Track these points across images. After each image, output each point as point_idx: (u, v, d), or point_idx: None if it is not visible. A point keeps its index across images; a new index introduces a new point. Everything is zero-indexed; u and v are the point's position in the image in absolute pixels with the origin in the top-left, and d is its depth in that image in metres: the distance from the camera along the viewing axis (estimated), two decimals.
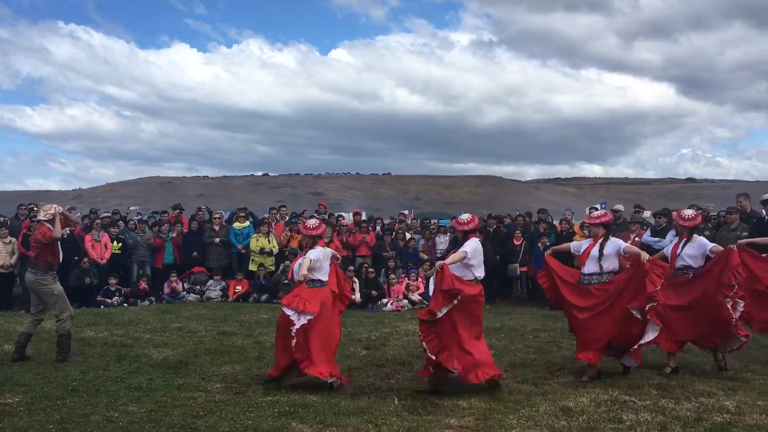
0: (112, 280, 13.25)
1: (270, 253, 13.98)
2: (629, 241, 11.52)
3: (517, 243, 13.53)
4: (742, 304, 6.94)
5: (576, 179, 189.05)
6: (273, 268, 14.00)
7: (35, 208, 12.89)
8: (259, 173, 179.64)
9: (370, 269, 13.67)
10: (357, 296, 12.93)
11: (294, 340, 6.48)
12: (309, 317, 6.51)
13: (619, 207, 13.63)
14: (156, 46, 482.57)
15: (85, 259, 12.91)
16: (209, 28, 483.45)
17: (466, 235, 6.84)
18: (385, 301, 12.99)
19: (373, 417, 5.58)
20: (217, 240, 14.20)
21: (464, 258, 6.57)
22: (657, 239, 11.24)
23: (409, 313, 12.11)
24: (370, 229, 15.04)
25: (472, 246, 6.70)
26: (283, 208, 15.76)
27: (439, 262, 6.64)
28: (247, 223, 14.65)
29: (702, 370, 7.23)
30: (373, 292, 13.23)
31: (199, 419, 5.51)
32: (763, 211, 10.52)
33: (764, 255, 7.74)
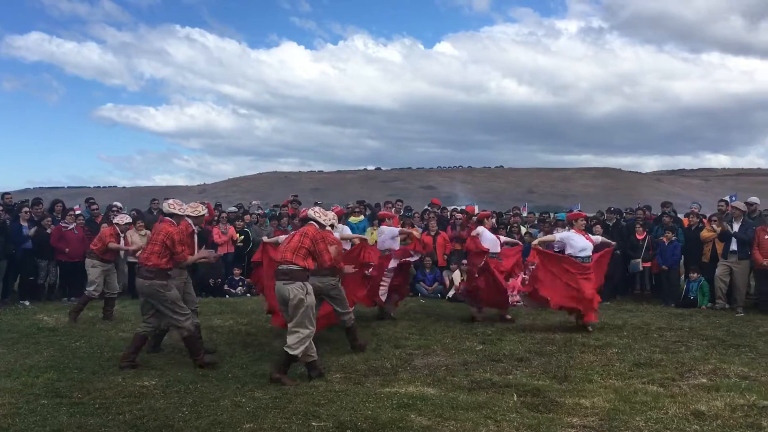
0: (237, 271, 13.87)
1: None
2: (766, 235, 10.78)
3: (639, 237, 12.94)
4: None
5: (702, 170, 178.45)
6: None
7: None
8: (372, 167, 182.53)
9: None
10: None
11: None
12: None
13: (755, 199, 12.72)
14: (266, 45, 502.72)
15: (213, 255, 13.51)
16: (314, 26, 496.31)
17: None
18: None
19: (492, 413, 5.51)
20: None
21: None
22: None
23: (525, 309, 11.87)
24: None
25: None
26: (399, 203, 15.92)
27: None
28: (362, 217, 14.88)
29: None
30: None
31: (320, 407, 5.65)
32: None
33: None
